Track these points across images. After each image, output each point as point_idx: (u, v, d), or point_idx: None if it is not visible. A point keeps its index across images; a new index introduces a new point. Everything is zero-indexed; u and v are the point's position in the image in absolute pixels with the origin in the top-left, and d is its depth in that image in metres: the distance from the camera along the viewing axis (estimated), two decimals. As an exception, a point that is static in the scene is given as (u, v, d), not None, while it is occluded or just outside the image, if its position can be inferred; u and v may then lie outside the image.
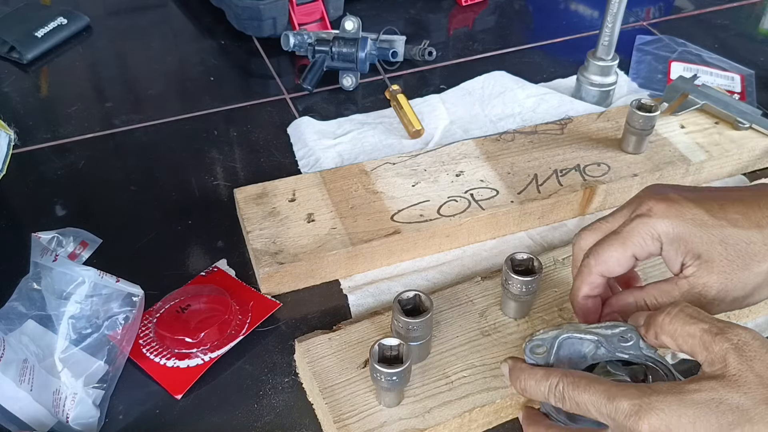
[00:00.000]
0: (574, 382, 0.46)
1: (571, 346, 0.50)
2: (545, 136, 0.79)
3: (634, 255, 0.52)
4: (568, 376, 0.47)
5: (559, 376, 0.47)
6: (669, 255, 0.51)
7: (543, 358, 0.50)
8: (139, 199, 0.76)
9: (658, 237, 0.51)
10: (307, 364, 0.57)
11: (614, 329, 0.50)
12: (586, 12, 1.11)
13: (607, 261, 0.52)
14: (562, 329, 0.51)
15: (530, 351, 0.50)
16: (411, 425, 0.52)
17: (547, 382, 0.47)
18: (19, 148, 0.81)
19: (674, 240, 0.50)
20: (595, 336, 0.50)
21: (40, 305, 0.56)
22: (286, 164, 0.80)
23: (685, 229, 0.50)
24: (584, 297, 0.55)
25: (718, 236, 0.49)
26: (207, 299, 0.62)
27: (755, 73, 0.95)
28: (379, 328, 0.59)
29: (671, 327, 0.46)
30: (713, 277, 0.49)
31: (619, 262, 0.52)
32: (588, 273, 0.53)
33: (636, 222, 0.51)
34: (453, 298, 0.62)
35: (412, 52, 0.95)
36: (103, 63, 0.99)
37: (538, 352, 0.50)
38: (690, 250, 0.50)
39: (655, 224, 0.50)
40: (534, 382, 0.48)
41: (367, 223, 0.68)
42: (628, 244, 0.51)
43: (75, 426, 0.54)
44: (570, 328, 0.51)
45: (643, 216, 0.51)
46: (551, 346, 0.50)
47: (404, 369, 0.50)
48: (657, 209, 0.51)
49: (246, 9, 0.96)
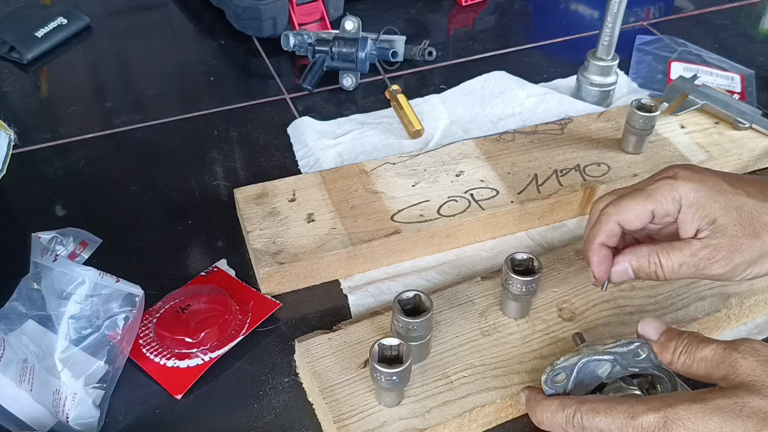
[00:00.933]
0: (593, 409, 0.46)
1: (588, 369, 0.50)
2: (545, 136, 0.79)
3: (652, 211, 0.53)
4: (585, 404, 0.47)
5: (575, 406, 0.47)
6: (685, 218, 0.53)
7: (562, 386, 0.50)
8: (139, 199, 0.76)
9: (678, 199, 0.53)
10: (307, 364, 0.57)
11: (629, 346, 0.50)
12: (586, 12, 1.11)
13: (627, 211, 0.54)
14: (582, 354, 0.50)
15: (551, 381, 0.50)
16: (411, 425, 0.52)
17: (563, 414, 0.47)
18: (19, 148, 0.81)
19: (693, 204, 0.52)
20: (612, 355, 0.50)
21: (40, 305, 0.56)
22: (286, 164, 0.80)
23: (705, 194, 0.52)
24: (599, 245, 0.55)
25: (735, 203, 0.52)
26: (207, 299, 0.62)
27: (755, 73, 0.95)
28: (379, 328, 0.59)
29: (684, 358, 0.47)
30: (724, 240, 0.51)
31: (638, 215, 0.54)
32: (606, 220, 0.55)
33: (661, 182, 0.53)
34: (453, 298, 0.62)
35: (412, 52, 0.95)
36: (103, 63, 0.99)
37: (558, 380, 0.50)
38: (707, 215, 0.52)
39: (678, 186, 0.52)
40: (550, 414, 0.48)
41: (367, 223, 0.68)
42: (649, 200, 0.53)
43: (75, 426, 0.54)
44: (589, 351, 0.50)
45: (669, 178, 0.53)
46: (571, 373, 0.50)
47: (404, 369, 0.50)
48: (682, 174, 0.53)
49: (246, 9, 0.96)
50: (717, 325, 0.62)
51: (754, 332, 0.64)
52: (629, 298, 0.62)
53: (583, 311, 0.61)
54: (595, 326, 0.60)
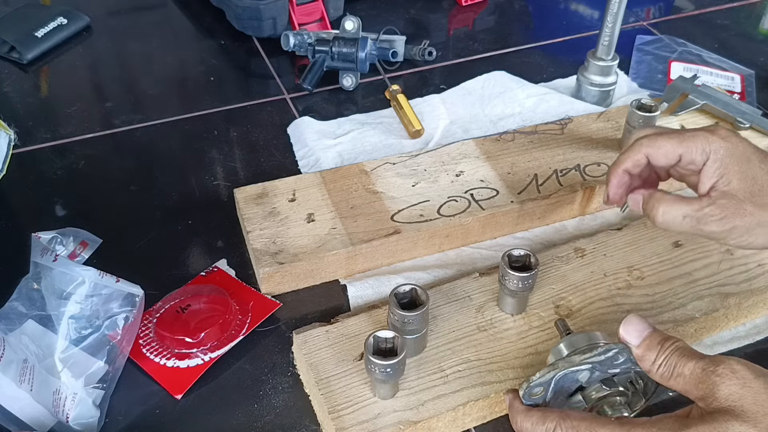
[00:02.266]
0: (573, 427, 0.46)
1: (566, 379, 0.50)
2: (545, 136, 0.79)
3: (681, 155, 0.56)
4: (566, 420, 0.47)
5: (556, 420, 0.47)
6: (707, 171, 0.55)
7: (540, 398, 0.50)
8: (139, 199, 0.76)
9: (708, 152, 0.55)
10: (304, 355, 0.57)
11: (607, 353, 0.49)
12: (586, 12, 1.11)
13: (658, 147, 0.57)
14: (557, 368, 0.49)
15: (528, 395, 0.50)
16: (405, 417, 0.53)
17: (543, 427, 0.48)
18: (19, 148, 0.81)
19: (718, 160, 0.55)
20: (590, 365, 0.49)
21: (40, 305, 0.56)
22: (286, 164, 0.80)
23: (731, 156, 0.55)
24: (623, 170, 0.58)
25: (753, 173, 0.55)
26: (207, 299, 0.62)
27: (755, 73, 0.95)
28: (376, 322, 0.60)
29: (663, 370, 0.47)
30: (731, 201, 0.54)
31: (666, 153, 0.56)
32: (637, 150, 0.58)
33: (699, 132, 0.56)
34: (450, 293, 0.62)
35: (412, 52, 0.95)
36: (103, 63, 0.99)
37: (535, 393, 0.50)
38: (725, 174, 0.54)
39: (712, 141, 0.55)
40: (530, 424, 0.49)
41: (367, 223, 0.68)
42: (682, 144, 0.56)
43: (75, 426, 0.54)
44: (565, 364, 0.49)
45: (708, 132, 0.56)
46: (548, 387, 0.50)
47: (398, 361, 0.51)
48: (721, 132, 0.56)
49: (246, 9, 0.96)
50: (715, 325, 0.62)
51: (753, 333, 0.64)
52: (626, 296, 0.62)
53: (580, 308, 0.61)
54: (592, 323, 0.60)
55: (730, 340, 0.63)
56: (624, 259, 0.65)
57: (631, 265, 0.65)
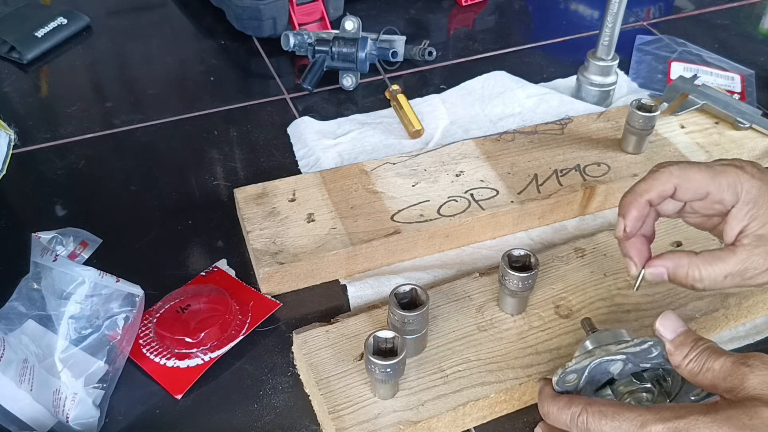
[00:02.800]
0: (600, 411, 0.45)
1: (600, 368, 0.50)
2: (545, 136, 0.79)
3: (709, 192, 0.50)
4: (593, 405, 0.46)
5: (581, 405, 0.46)
6: (738, 214, 0.51)
7: (573, 386, 0.50)
8: (139, 199, 0.76)
9: (739, 192, 0.50)
10: (304, 355, 0.57)
11: (642, 345, 0.49)
12: (586, 12, 1.11)
13: (690, 179, 0.50)
14: (594, 356, 0.49)
15: (562, 382, 0.50)
16: (405, 417, 0.53)
17: (569, 411, 0.47)
18: (19, 148, 0.81)
19: (750, 201, 0.50)
20: (624, 355, 0.50)
21: (40, 305, 0.56)
22: (286, 164, 0.80)
23: (764, 195, 0.50)
24: (646, 201, 0.51)
25: None
26: (207, 299, 0.62)
27: (755, 73, 0.95)
28: (376, 322, 0.60)
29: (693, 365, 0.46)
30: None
31: (697, 188, 0.50)
32: (666, 179, 0.51)
33: (729, 168, 0.51)
34: (450, 293, 0.62)
35: (412, 52, 0.95)
36: (103, 63, 0.99)
37: (569, 380, 0.50)
38: (758, 216, 0.50)
39: (743, 179, 0.50)
40: (556, 409, 0.48)
41: (367, 223, 0.68)
42: (714, 180, 0.50)
43: (75, 426, 0.54)
44: (601, 353, 0.49)
45: (736, 167, 0.51)
46: (582, 374, 0.50)
47: (398, 361, 0.51)
48: (749, 169, 0.51)
49: (246, 9, 0.96)
50: (715, 325, 0.62)
51: (752, 333, 0.64)
52: (626, 296, 0.62)
53: (580, 308, 0.61)
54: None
55: (730, 340, 0.63)
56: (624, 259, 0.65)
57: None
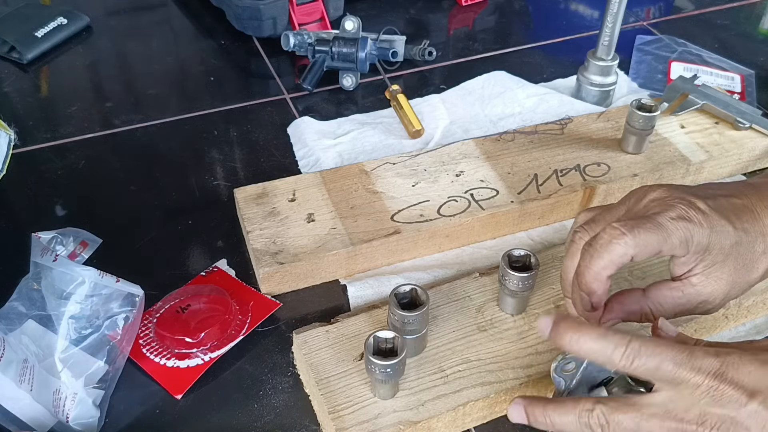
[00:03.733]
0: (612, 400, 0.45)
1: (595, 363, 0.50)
2: (545, 136, 0.79)
3: (661, 250, 0.49)
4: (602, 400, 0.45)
5: (591, 401, 0.45)
6: (687, 261, 0.50)
7: (571, 375, 0.50)
8: (139, 199, 0.76)
9: (689, 246, 0.49)
10: (304, 355, 0.57)
11: None
12: (586, 12, 1.11)
13: (646, 245, 0.48)
14: None
15: (561, 370, 0.50)
16: (405, 417, 0.53)
17: (576, 409, 0.45)
18: (19, 148, 0.81)
19: (701, 251, 0.50)
20: None
21: (40, 305, 0.56)
22: (286, 164, 0.80)
23: (713, 241, 0.50)
24: (607, 279, 0.50)
25: (735, 246, 0.50)
26: (207, 299, 0.62)
27: (755, 73, 0.95)
28: (376, 322, 0.60)
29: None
30: (721, 284, 0.51)
31: (650, 252, 0.49)
32: (622, 252, 0.48)
33: (679, 223, 0.49)
34: (450, 293, 0.62)
35: (412, 52, 0.95)
36: (103, 63, 0.99)
37: (568, 369, 0.50)
38: (707, 259, 0.50)
39: (694, 232, 0.49)
40: (557, 415, 0.46)
41: (367, 223, 0.68)
42: (668, 241, 0.49)
43: (75, 426, 0.54)
44: None
45: (685, 220, 0.49)
46: (580, 364, 0.50)
47: (398, 361, 0.51)
48: (695, 217, 0.50)
49: (246, 9, 0.96)
50: (715, 326, 0.62)
51: (752, 333, 0.64)
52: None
53: (582, 310, 0.61)
54: (595, 326, 0.60)
55: (730, 340, 0.63)
56: None
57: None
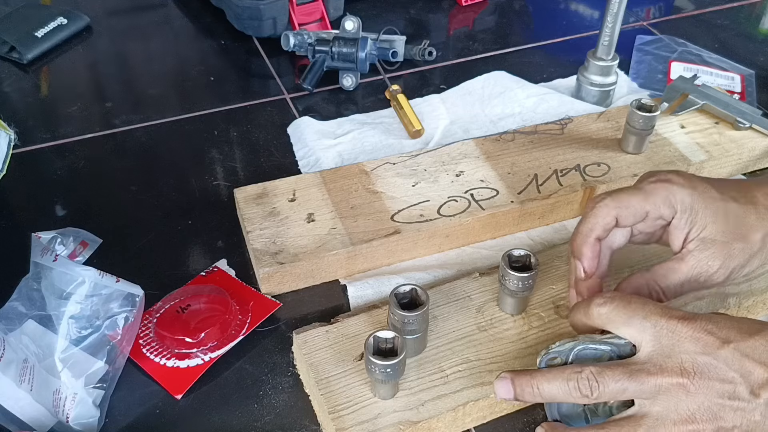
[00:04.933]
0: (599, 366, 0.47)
1: (584, 355, 0.50)
2: (545, 136, 0.79)
3: (647, 212, 0.52)
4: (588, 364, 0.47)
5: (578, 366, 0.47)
6: (678, 224, 0.52)
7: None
8: (139, 199, 0.76)
9: (674, 204, 0.52)
10: (304, 355, 0.57)
11: (624, 339, 0.50)
12: (586, 12, 1.11)
13: (626, 206, 0.52)
14: (578, 341, 0.50)
15: (546, 364, 0.50)
16: (405, 417, 0.53)
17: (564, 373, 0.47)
18: (19, 148, 0.81)
19: (687, 209, 0.52)
20: (609, 346, 0.50)
21: (40, 305, 0.56)
22: (286, 164, 0.80)
23: (698, 200, 0.52)
24: (596, 239, 0.54)
25: (723, 209, 0.52)
26: (207, 299, 0.62)
27: (755, 73, 0.95)
28: (376, 322, 0.60)
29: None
30: (717, 249, 0.52)
31: (635, 212, 0.52)
32: (605, 213, 0.53)
33: (657, 184, 0.53)
34: (450, 294, 0.62)
35: (412, 52, 0.95)
36: (103, 63, 0.99)
37: (554, 364, 0.50)
38: (698, 221, 0.52)
39: (675, 191, 0.52)
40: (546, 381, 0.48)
41: (367, 223, 0.68)
42: (648, 200, 0.52)
43: (75, 426, 0.54)
44: (586, 339, 0.50)
45: (664, 181, 0.52)
46: (566, 359, 0.50)
47: (398, 361, 0.51)
48: (676, 179, 0.53)
49: (246, 9, 0.96)
50: (717, 325, 0.62)
51: (754, 332, 0.64)
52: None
53: (582, 310, 0.61)
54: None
55: (730, 340, 0.63)
56: (624, 259, 0.65)
57: (632, 265, 0.65)
